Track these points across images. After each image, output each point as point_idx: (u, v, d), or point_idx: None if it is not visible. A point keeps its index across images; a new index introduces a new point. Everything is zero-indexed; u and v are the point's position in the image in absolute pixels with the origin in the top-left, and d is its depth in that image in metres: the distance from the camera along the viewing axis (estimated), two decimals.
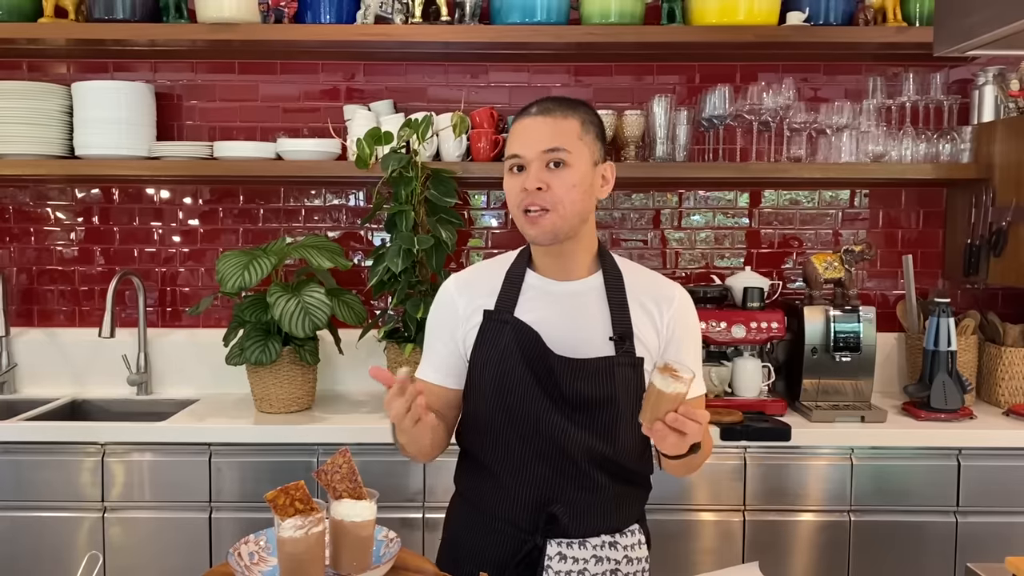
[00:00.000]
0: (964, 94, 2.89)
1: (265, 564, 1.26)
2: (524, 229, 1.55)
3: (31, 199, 3.02)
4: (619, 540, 1.57)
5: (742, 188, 3.02)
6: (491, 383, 1.56)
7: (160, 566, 2.44)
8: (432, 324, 1.68)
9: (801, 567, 2.46)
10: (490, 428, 1.57)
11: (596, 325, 1.56)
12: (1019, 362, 2.72)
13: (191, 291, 3.04)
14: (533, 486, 1.54)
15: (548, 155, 1.51)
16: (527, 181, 1.51)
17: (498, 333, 1.56)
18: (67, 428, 2.53)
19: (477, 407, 1.60)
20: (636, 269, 1.67)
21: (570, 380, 1.52)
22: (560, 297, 1.59)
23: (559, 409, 1.53)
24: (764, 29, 2.66)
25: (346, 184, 3.01)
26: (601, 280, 1.61)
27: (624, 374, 1.54)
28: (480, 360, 1.58)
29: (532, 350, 1.54)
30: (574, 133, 1.53)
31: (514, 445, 1.55)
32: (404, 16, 2.70)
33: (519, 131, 1.55)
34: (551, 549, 1.52)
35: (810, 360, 2.63)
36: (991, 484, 2.44)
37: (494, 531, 1.58)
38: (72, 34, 2.69)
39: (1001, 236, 2.65)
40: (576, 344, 1.54)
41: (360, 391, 2.95)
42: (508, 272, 1.63)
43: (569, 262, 1.59)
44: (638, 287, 1.61)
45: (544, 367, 1.53)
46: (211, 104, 2.99)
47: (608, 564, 1.54)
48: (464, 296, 1.63)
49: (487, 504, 1.59)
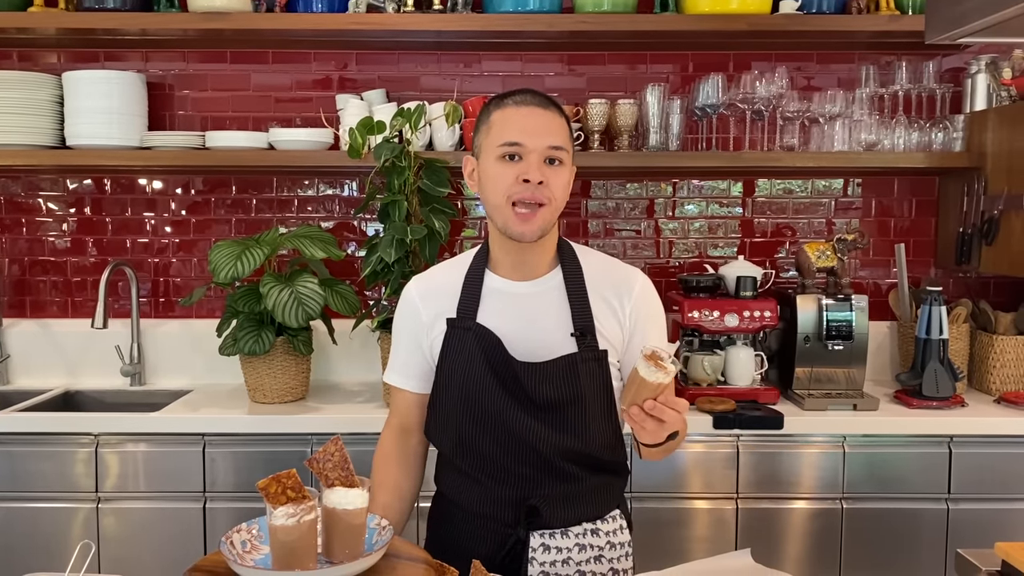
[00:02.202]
0: (957, 83, 2.89)
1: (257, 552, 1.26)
2: (509, 224, 1.51)
3: (23, 190, 3.01)
4: (600, 527, 1.57)
5: (735, 177, 3.02)
6: (459, 390, 1.56)
7: (154, 556, 2.44)
8: (397, 330, 1.69)
9: (794, 554, 2.47)
10: (463, 434, 1.57)
11: (557, 324, 1.55)
12: (1010, 350, 2.74)
13: (184, 281, 3.03)
14: (511, 485, 1.55)
15: (551, 151, 1.49)
16: (530, 172, 1.47)
17: (462, 341, 1.56)
18: (60, 419, 2.52)
19: (448, 414, 1.59)
20: (595, 258, 1.65)
21: (535, 384, 1.52)
22: (520, 298, 1.58)
23: (528, 412, 1.52)
24: (757, 17, 2.66)
25: (339, 174, 3.00)
26: (561, 277, 1.59)
27: (589, 369, 1.54)
28: (447, 368, 1.58)
29: (495, 356, 1.53)
30: (568, 133, 1.54)
31: (488, 450, 1.55)
32: (396, 4, 2.69)
33: (517, 118, 1.50)
34: (534, 541, 1.53)
35: (803, 349, 2.64)
36: (982, 471, 2.45)
37: (477, 527, 1.58)
38: (63, 23, 2.68)
39: (993, 224, 2.65)
40: (537, 347, 1.53)
41: (354, 381, 2.95)
42: (467, 275, 1.61)
43: (531, 260, 1.58)
44: (598, 278, 1.60)
45: (509, 373, 1.53)
46: (203, 94, 2.98)
47: (592, 551, 1.55)
48: (426, 302, 1.63)
49: (466, 502, 1.60)
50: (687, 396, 2.54)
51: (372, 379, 2.88)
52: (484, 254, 1.63)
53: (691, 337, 2.71)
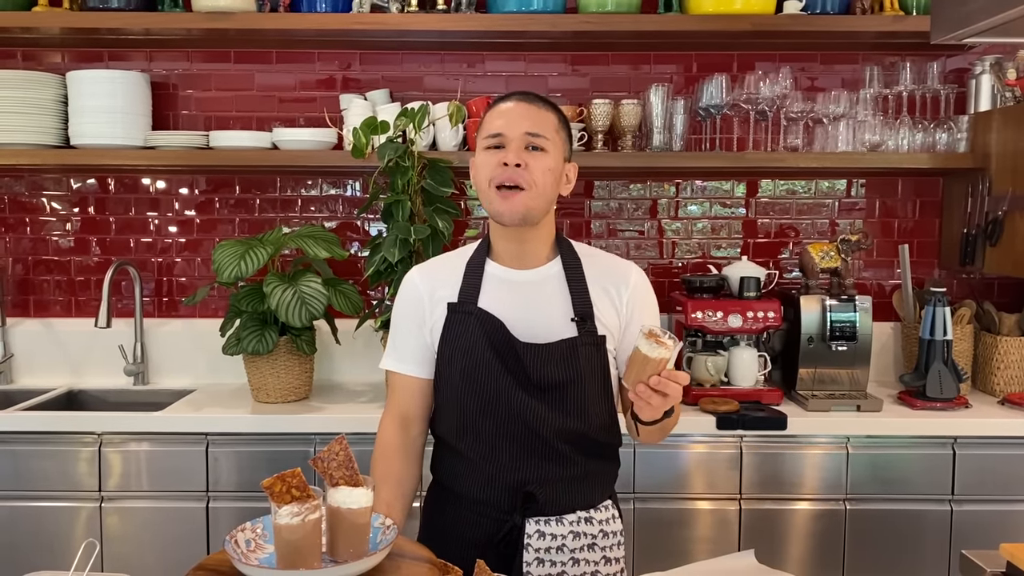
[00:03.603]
0: (961, 83, 2.89)
1: (262, 551, 1.26)
2: (492, 205, 1.59)
3: (27, 189, 3.01)
4: (594, 515, 1.61)
5: (739, 178, 3.02)
6: (460, 372, 1.60)
7: (157, 555, 2.44)
8: (399, 315, 1.72)
9: (797, 555, 2.47)
10: (462, 415, 1.61)
11: (557, 309, 1.61)
12: (1015, 351, 2.73)
13: (187, 281, 3.03)
14: (508, 468, 1.58)
15: (529, 138, 1.56)
16: (507, 156, 1.55)
17: (464, 324, 1.61)
18: (64, 418, 2.52)
19: (448, 396, 1.63)
20: (593, 253, 1.72)
21: (537, 365, 1.57)
22: (520, 285, 1.64)
23: (529, 392, 1.57)
24: (761, 18, 2.66)
25: (342, 174, 3.00)
26: (560, 266, 1.66)
27: (588, 353, 1.59)
28: (448, 351, 1.62)
29: (498, 338, 1.58)
30: (552, 125, 1.60)
31: (487, 430, 1.59)
32: (400, 4, 2.69)
33: (499, 113, 1.60)
34: (530, 527, 1.56)
35: (806, 349, 2.63)
36: (986, 473, 2.45)
37: (474, 513, 1.62)
38: (67, 23, 2.68)
39: (997, 225, 2.65)
40: (539, 330, 1.59)
41: (357, 381, 2.95)
42: (468, 263, 1.67)
43: (529, 250, 1.64)
44: (596, 270, 1.66)
45: (511, 354, 1.58)
46: (207, 93, 2.98)
47: (585, 539, 1.59)
48: (428, 288, 1.68)
49: (464, 488, 1.63)
50: (691, 397, 2.55)
51: (375, 379, 2.88)
52: (485, 246, 1.69)
53: (694, 338, 2.70)
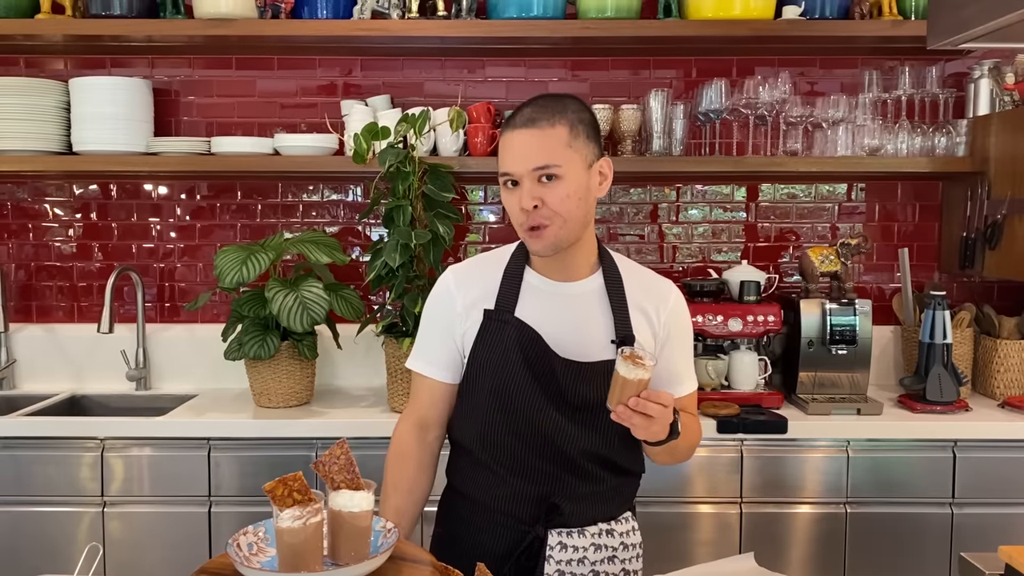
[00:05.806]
0: (960, 88, 2.89)
1: (264, 555, 1.27)
2: (527, 243, 1.56)
3: (29, 195, 3.02)
4: (615, 527, 1.59)
5: (739, 182, 3.02)
6: (490, 382, 1.57)
7: (159, 560, 2.45)
8: (429, 317, 1.68)
9: (798, 558, 2.47)
10: (487, 426, 1.58)
11: (597, 327, 1.57)
12: (1014, 354, 2.74)
13: (189, 286, 3.04)
14: (533, 481, 1.56)
15: (538, 172, 1.49)
16: (522, 200, 1.50)
17: (499, 333, 1.57)
18: (66, 423, 2.53)
19: (474, 405, 1.60)
20: (633, 269, 1.67)
21: (573, 383, 1.54)
22: (560, 298, 1.59)
23: (559, 409, 1.54)
24: (760, 23, 2.67)
25: (343, 179, 3.01)
26: (601, 281, 1.61)
27: None
28: (479, 359, 1.59)
29: (533, 351, 1.54)
30: (562, 142, 1.50)
31: (512, 444, 1.56)
32: (401, 11, 2.71)
33: (507, 146, 1.52)
34: (552, 539, 1.54)
35: (806, 353, 2.64)
36: (986, 476, 2.45)
37: (495, 524, 1.59)
38: (69, 30, 2.69)
39: (996, 229, 2.65)
40: (578, 347, 1.55)
41: (358, 385, 2.96)
42: (506, 269, 1.62)
43: (569, 265, 1.60)
44: (636, 289, 1.62)
45: (546, 368, 1.54)
46: (208, 100, 2.99)
47: (606, 551, 1.57)
48: (462, 292, 1.62)
49: (486, 498, 1.60)
50: None
51: (377, 383, 2.89)
52: (524, 251, 1.63)
53: (695, 341, 2.70)
